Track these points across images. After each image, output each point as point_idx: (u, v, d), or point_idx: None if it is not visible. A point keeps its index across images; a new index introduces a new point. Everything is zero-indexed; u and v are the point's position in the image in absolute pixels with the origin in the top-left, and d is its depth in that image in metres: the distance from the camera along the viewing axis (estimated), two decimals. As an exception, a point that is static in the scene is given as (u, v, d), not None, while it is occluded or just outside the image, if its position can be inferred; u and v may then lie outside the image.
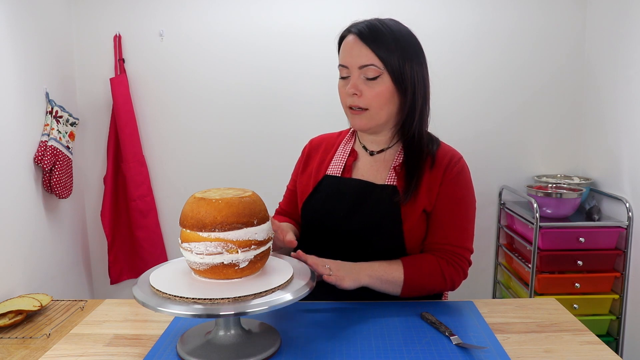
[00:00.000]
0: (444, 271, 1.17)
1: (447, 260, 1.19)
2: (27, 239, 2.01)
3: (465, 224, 1.22)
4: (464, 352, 0.97)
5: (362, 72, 1.16)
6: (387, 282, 1.15)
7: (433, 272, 1.17)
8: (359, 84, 1.16)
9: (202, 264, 0.93)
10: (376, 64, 1.14)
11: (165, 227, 2.62)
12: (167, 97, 2.53)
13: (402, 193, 1.18)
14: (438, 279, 1.17)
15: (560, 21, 2.46)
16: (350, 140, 1.32)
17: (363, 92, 1.16)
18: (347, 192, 1.23)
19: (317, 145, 1.38)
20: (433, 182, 1.20)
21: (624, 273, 2.15)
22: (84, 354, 1.00)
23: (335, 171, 1.27)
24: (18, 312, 1.44)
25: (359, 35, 1.16)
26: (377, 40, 1.15)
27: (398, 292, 1.17)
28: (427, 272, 1.17)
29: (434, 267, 1.17)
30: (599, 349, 1.00)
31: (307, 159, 1.37)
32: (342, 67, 1.19)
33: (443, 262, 1.18)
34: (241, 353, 0.93)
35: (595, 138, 2.42)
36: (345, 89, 1.19)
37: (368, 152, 1.28)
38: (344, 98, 1.21)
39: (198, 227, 0.91)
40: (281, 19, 2.45)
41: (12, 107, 1.93)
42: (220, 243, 0.91)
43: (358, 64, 1.15)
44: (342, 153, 1.30)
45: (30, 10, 2.09)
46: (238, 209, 0.92)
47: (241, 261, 0.92)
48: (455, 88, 2.50)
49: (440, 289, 1.21)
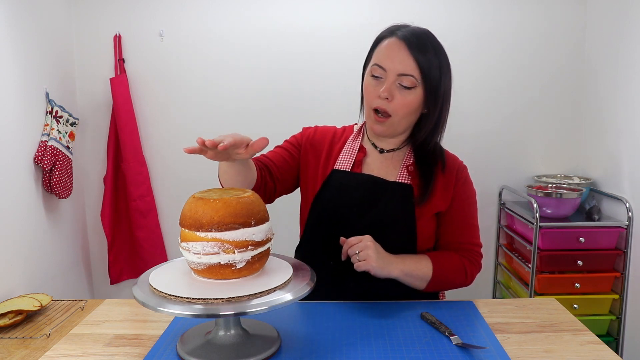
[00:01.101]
0: (467, 268, 1.23)
1: (468, 258, 1.25)
2: (27, 239, 2.01)
3: (475, 222, 1.29)
4: (464, 352, 0.97)
5: (399, 79, 1.15)
6: (416, 277, 1.18)
7: (457, 269, 1.22)
8: (393, 89, 1.15)
9: (199, 264, 0.93)
10: (415, 76, 1.14)
11: (165, 227, 2.62)
12: (167, 97, 2.53)
13: (418, 193, 1.21)
14: (461, 275, 1.23)
15: (560, 21, 2.46)
16: (358, 137, 1.31)
17: (394, 97, 1.15)
18: (358, 187, 1.22)
19: (322, 135, 1.33)
20: (447, 185, 1.24)
21: (624, 273, 2.15)
22: (84, 354, 1.00)
23: (345, 166, 1.26)
24: (18, 312, 1.44)
25: (406, 41, 1.14)
26: (422, 51, 1.14)
27: (423, 287, 1.21)
28: (452, 269, 1.22)
29: (458, 264, 1.23)
30: (599, 349, 1.00)
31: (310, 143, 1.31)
32: (377, 67, 1.17)
33: (465, 260, 1.24)
34: (241, 353, 0.93)
35: (595, 138, 2.42)
36: (375, 89, 1.17)
37: (377, 149, 1.28)
38: (371, 98, 1.18)
39: (196, 227, 0.91)
40: (281, 19, 2.45)
41: (12, 107, 1.93)
42: (217, 243, 0.91)
43: (398, 71, 1.14)
44: (350, 148, 1.29)
45: (30, 10, 2.09)
46: (235, 209, 0.92)
47: (238, 261, 0.92)
48: (455, 88, 2.49)
49: (460, 285, 1.25)
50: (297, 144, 1.33)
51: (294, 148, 1.32)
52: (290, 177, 1.31)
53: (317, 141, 1.32)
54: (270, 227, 1.00)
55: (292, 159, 1.31)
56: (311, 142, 1.32)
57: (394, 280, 1.19)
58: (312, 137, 1.32)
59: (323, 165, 1.28)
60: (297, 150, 1.32)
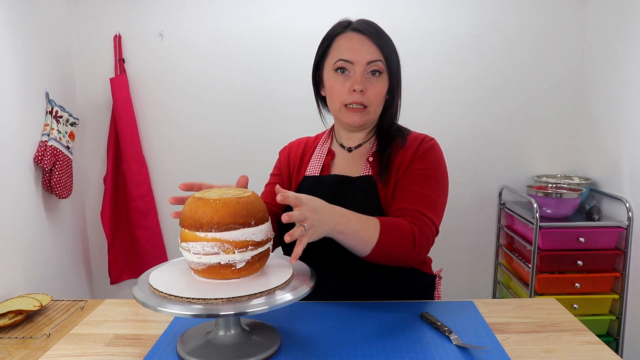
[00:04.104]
0: (416, 236, 1.09)
1: (418, 226, 1.11)
2: (27, 239, 2.01)
3: (434, 197, 1.17)
4: (464, 352, 0.97)
5: (368, 68, 1.16)
6: (359, 240, 1.04)
7: (405, 234, 1.08)
8: (364, 80, 1.16)
9: (199, 264, 0.93)
10: (382, 60, 1.17)
11: (165, 227, 2.62)
12: (167, 97, 2.53)
13: (376, 171, 1.20)
14: (409, 242, 1.09)
15: (560, 21, 2.46)
16: (327, 141, 1.33)
17: (367, 89, 1.16)
18: (326, 189, 1.23)
19: (296, 148, 1.37)
20: (404, 159, 1.21)
21: (624, 273, 2.15)
22: (84, 354, 1.00)
23: (314, 171, 1.28)
24: (18, 312, 1.44)
25: (364, 31, 1.17)
26: (380, 36, 1.18)
27: (366, 253, 1.07)
28: (400, 235, 1.08)
29: (408, 231, 1.09)
30: (599, 349, 1.00)
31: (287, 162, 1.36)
32: (343, 61, 1.17)
33: (416, 229, 1.10)
34: (241, 353, 0.93)
35: (595, 138, 2.42)
36: (344, 85, 1.17)
37: (346, 149, 1.29)
38: (341, 95, 1.18)
39: (196, 227, 0.91)
40: (281, 20, 2.45)
41: (12, 107, 1.93)
42: (217, 243, 0.91)
43: (366, 59, 1.16)
44: (319, 154, 1.31)
45: (30, 10, 2.09)
46: (235, 209, 0.92)
47: (238, 262, 0.92)
48: (455, 88, 2.50)
49: (406, 257, 1.11)
50: (279, 171, 1.38)
51: (278, 178, 1.37)
52: None
53: (292, 157, 1.36)
54: (270, 227, 0.99)
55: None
56: (288, 160, 1.36)
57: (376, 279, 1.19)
58: (288, 156, 1.37)
59: (296, 175, 1.32)
60: (281, 177, 1.36)
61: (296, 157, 1.35)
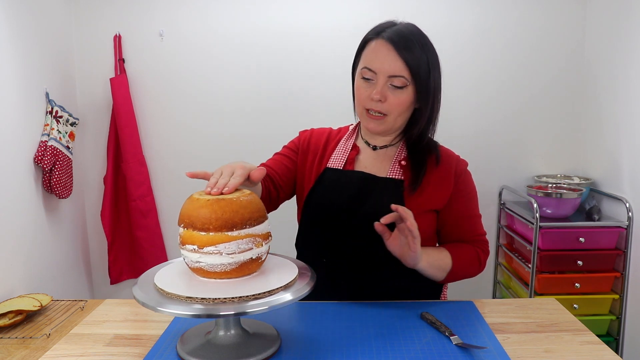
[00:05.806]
0: (480, 257, 1.27)
1: (480, 247, 1.28)
2: (27, 239, 2.01)
3: (478, 212, 1.32)
4: (464, 352, 0.97)
5: (390, 81, 1.15)
6: (437, 268, 1.19)
7: (472, 259, 1.25)
8: (385, 90, 1.16)
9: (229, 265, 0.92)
10: (405, 75, 1.14)
11: (165, 227, 2.62)
12: (167, 97, 2.53)
13: (409, 183, 1.21)
14: (476, 264, 1.26)
15: (560, 21, 2.46)
16: (352, 137, 1.32)
17: (387, 98, 1.16)
18: (349, 184, 1.23)
19: (318, 136, 1.35)
20: (442, 180, 1.23)
21: (624, 273, 2.15)
22: (84, 354, 1.01)
23: (337, 164, 1.27)
24: (18, 312, 1.44)
25: (391, 42, 1.14)
26: (409, 50, 1.14)
27: (441, 278, 1.22)
28: (468, 260, 1.24)
29: (473, 254, 1.26)
30: (599, 349, 1.00)
31: (307, 146, 1.34)
32: (367, 69, 1.17)
33: (479, 250, 1.27)
34: (241, 353, 0.93)
35: (595, 138, 2.42)
36: (367, 91, 1.17)
37: (371, 146, 1.28)
38: (363, 100, 1.19)
39: (228, 227, 0.91)
40: (281, 19, 2.45)
41: (12, 107, 1.93)
42: (250, 239, 0.93)
43: (388, 73, 1.14)
44: (343, 147, 1.30)
45: (30, 10, 2.09)
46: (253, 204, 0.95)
47: (264, 253, 0.97)
48: (455, 88, 2.50)
49: (474, 274, 1.28)
50: (295, 148, 1.35)
51: (292, 153, 1.35)
52: (292, 183, 1.33)
53: (313, 143, 1.34)
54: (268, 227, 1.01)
55: (292, 164, 1.33)
56: (308, 144, 1.34)
57: (384, 278, 1.20)
58: (308, 140, 1.35)
59: (317, 165, 1.30)
60: (296, 154, 1.34)
61: (318, 144, 1.33)
